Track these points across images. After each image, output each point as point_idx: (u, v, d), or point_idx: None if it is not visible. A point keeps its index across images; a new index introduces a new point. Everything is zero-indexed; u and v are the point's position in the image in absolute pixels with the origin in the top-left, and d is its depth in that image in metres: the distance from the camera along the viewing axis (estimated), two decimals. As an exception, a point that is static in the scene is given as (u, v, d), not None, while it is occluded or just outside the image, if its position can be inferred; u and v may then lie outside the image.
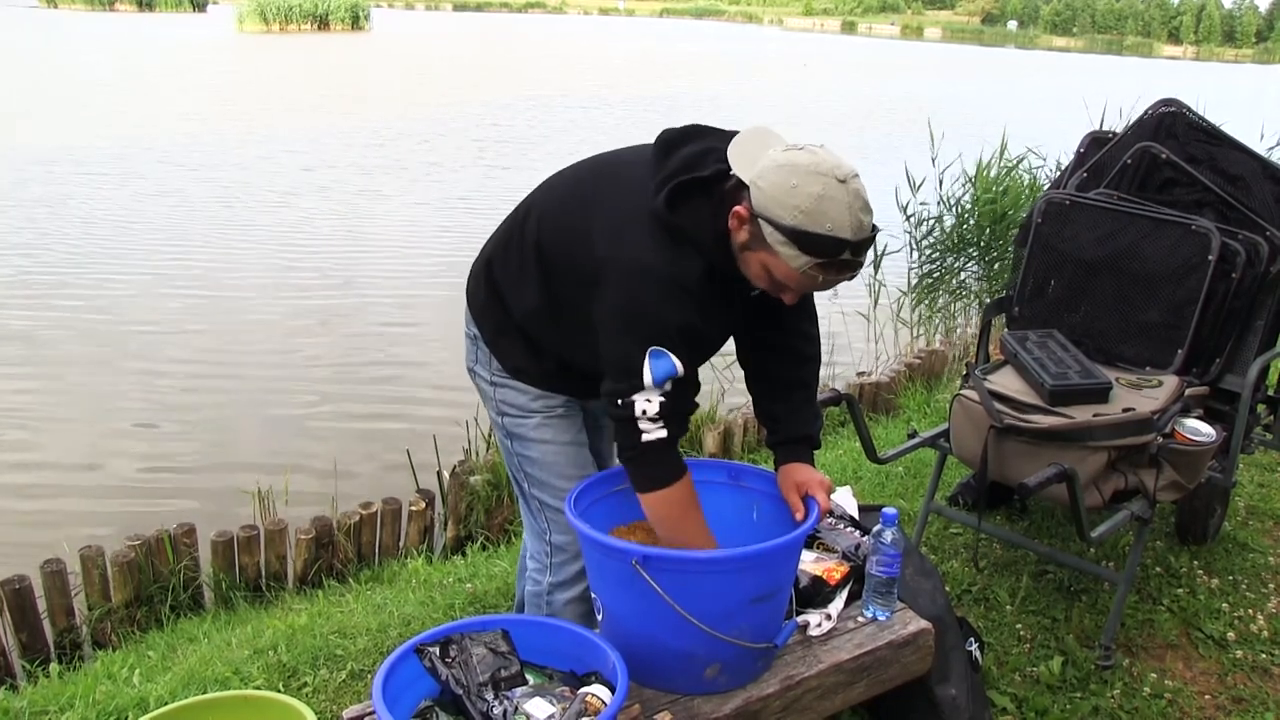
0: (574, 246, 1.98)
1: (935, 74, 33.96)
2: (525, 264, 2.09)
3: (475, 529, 4.47)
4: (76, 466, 5.27)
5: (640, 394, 1.89)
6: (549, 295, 2.07)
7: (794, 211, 1.75)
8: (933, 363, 5.92)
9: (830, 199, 1.75)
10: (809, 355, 2.26)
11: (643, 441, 1.93)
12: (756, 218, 1.80)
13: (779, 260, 1.80)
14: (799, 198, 1.75)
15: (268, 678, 2.86)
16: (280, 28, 38.81)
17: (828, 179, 1.75)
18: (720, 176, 1.89)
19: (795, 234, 1.75)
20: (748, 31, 67.26)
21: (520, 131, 16.23)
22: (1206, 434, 2.81)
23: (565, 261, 2.01)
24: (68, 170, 11.86)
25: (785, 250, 1.78)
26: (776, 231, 1.77)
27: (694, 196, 1.88)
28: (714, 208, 1.88)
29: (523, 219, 2.13)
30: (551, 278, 2.05)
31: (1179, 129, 3.27)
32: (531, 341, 2.16)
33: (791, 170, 1.77)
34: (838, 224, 1.75)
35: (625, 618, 1.98)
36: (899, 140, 15.30)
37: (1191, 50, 77.26)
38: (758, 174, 1.81)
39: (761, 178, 1.80)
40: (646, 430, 1.92)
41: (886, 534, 2.16)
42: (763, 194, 1.78)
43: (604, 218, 1.95)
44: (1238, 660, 2.97)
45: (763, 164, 1.81)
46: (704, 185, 1.89)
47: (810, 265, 1.78)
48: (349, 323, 7.54)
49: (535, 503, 2.31)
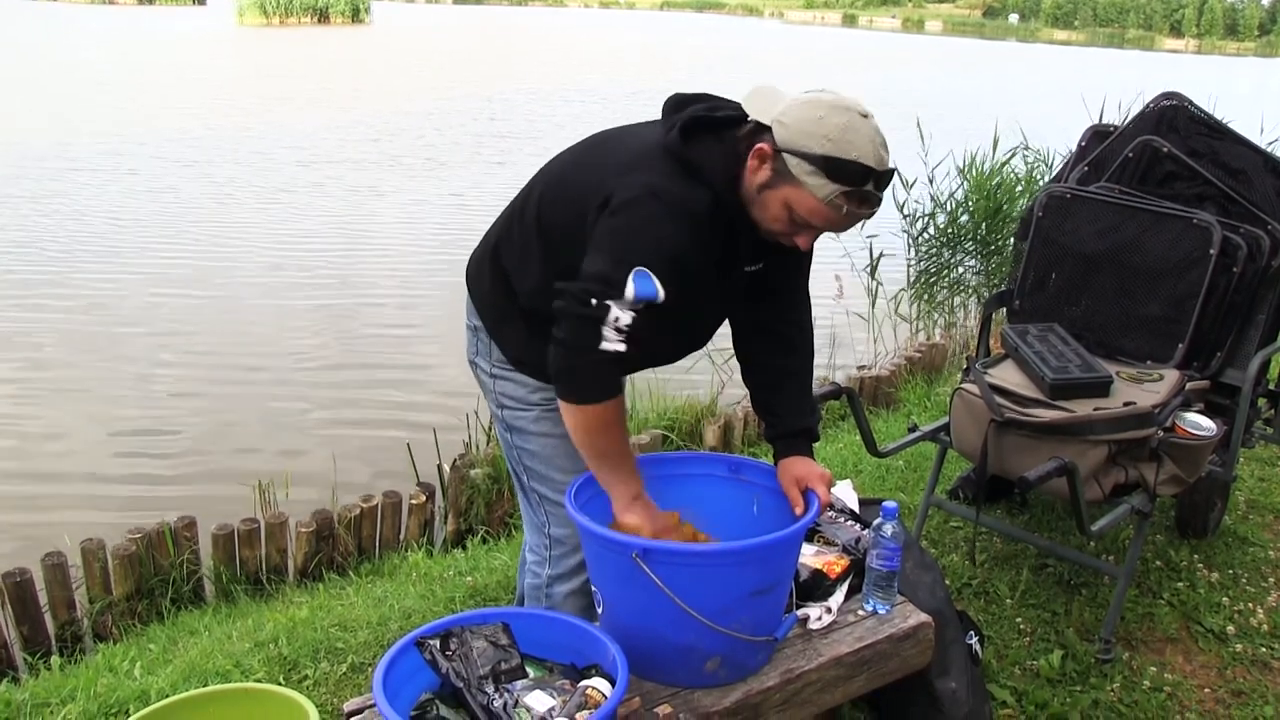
0: (576, 210, 1.96)
1: (935, 68, 33.91)
2: (528, 242, 2.09)
3: (475, 522, 4.47)
4: (77, 459, 5.27)
5: (617, 302, 1.83)
6: (551, 268, 2.03)
7: (822, 140, 1.80)
8: (933, 356, 5.92)
9: (855, 129, 1.81)
10: (798, 343, 2.26)
11: (600, 349, 1.84)
12: (780, 153, 1.83)
13: (804, 193, 1.83)
14: (826, 127, 1.80)
15: (268, 671, 2.87)
16: (280, 21, 38.73)
17: (851, 112, 1.82)
18: (731, 122, 1.93)
19: (824, 161, 1.80)
20: (748, 25, 67.14)
21: (519, 126, 16.20)
22: (1207, 428, 2.81)
23: (566, 229, 1.99)
24: (61, 167, 11.79)
25: (812, 180, 1.82)
26: (804, 161, 1.81)
27: (705, 133, 1.91)
28: (725, 151, 1.90)
29: (524, 201, 2.14)
30: (554, 249, 2.04)
31: (1180, 122, 3.27)
32: (534, 326, 2.11)
33: (816, 104, 1.83)
34: (863, 152, 1.80)
35: (625, 611, 1.98)
36: (896, 136, 15.28)
37: (1193, 43, 77.12)
38: (780, 113, 1.85)
39: (785, 114, 1.84)
40: (609, 338, 1.84)
41: (887, 527, 2.16)
42: (788, 129, 1.83)
43: (610, 169, 1.95)
44: (1237, 654, 2.97)
45: (785, 104, 1.86)
46: (715, 127, 1.92)
47: (837, 194, 1.82)
48: (349, 316, 7.54)
49: (534, 496, 2.31)
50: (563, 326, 1.88)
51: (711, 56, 34.30)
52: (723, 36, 48.10)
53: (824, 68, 31.82)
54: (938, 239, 6.80)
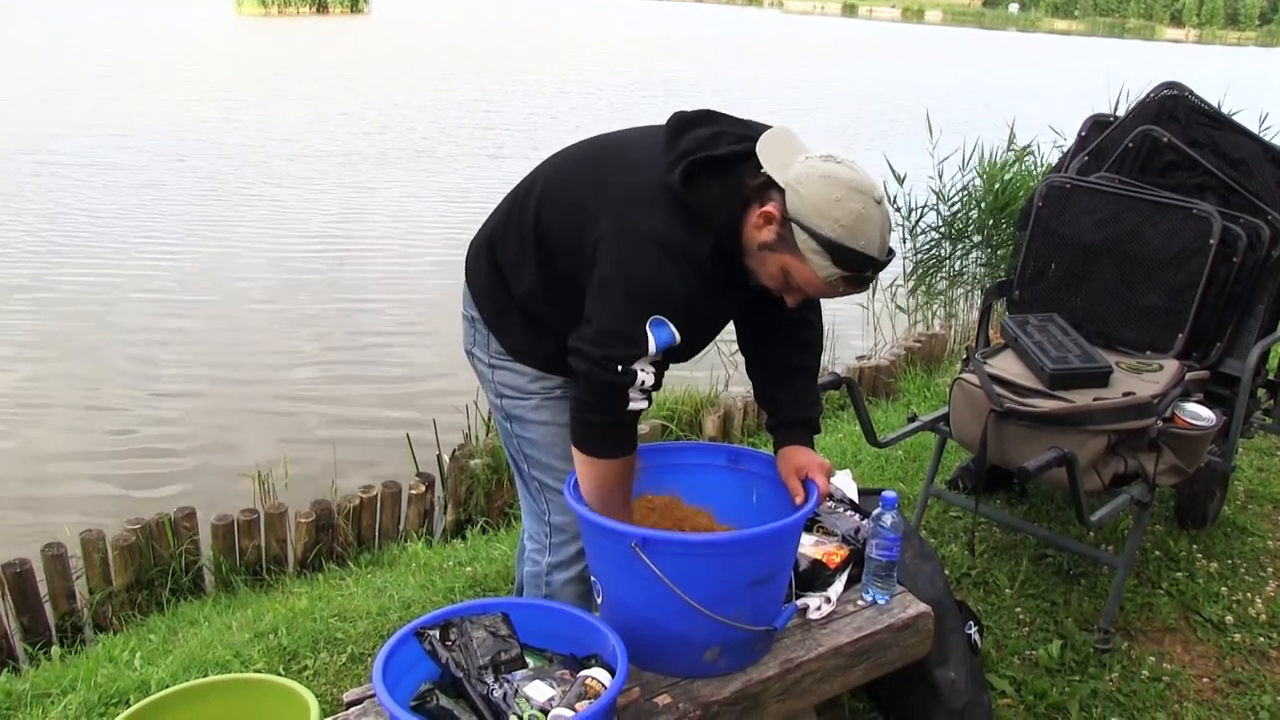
0: (575, 224, 1.96)
1: (935, 58, 33.83)
2: (525, 242, 2.08)
3: (475, 512, 4.48)
4: (77, 450, 5.27)
5: (641, 361, 1.87)
6: (547, 274, 2.05)
7: (834, 224, 1.78)
8: (933, 346, 5.92)
9: (868, 218, 1.80)
10: (810, 340, 2.26)
11: (628, 410, 1.91)
12: (789, 222, 1.81)
13: (806, 267, 1.83)
14: (840, 212, 1.78)
15: (268, 661, 2.87)
16: (279, 11, 38.58)
17: (867, 198, 1.80)
18: (735, 158, 1.90)
19: (832, 246, 1.79)
20: (747, 14, 66.99)
21: (515, 119, 16.11)
22: (1206, 418, 2.81)
23: (565, 240, 1.99)
24: (44, 160, 11.64)
25: (816, 259, 1.81)
26: (812, 240, 1.80)
27: (708, 176, 1.89)
28: (726, 190, 1.88)
29: (524, 196, 2.12)
30: (551, 256, 2.04)
31: (1181, 112, 3.26)
32: (531, 322, 2.14)
33: (836, 184, 1.80)
34: (870, 243, 1.80)
35: (625, 600, 1.99)
36: (894, 127, 15.24)
37: (1194, 33, 76.94)
38: (795, 179, 1.82)
39: (801, 184, 1.81)
40: (634, 399, 1.90)
41: (886, 517, 2.17)
42: (803, 201, 1.80)
43: (611, 196, 1.94)
44: (1236, 644, 2.98)
45: (800, 169, 1.83)
46: (718, 165, 1.90)
47: (836, 277, 1.83)
48: (346, 307, 7.52)
49: (534, 484, 2.30)
50: (587, 389, 1.92)
51: (710, 47, 34.21)
52: (721, 26, 47.99)
53: (823, 58, 31.74)
54: (939, 230, 6.77)
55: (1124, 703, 2.73)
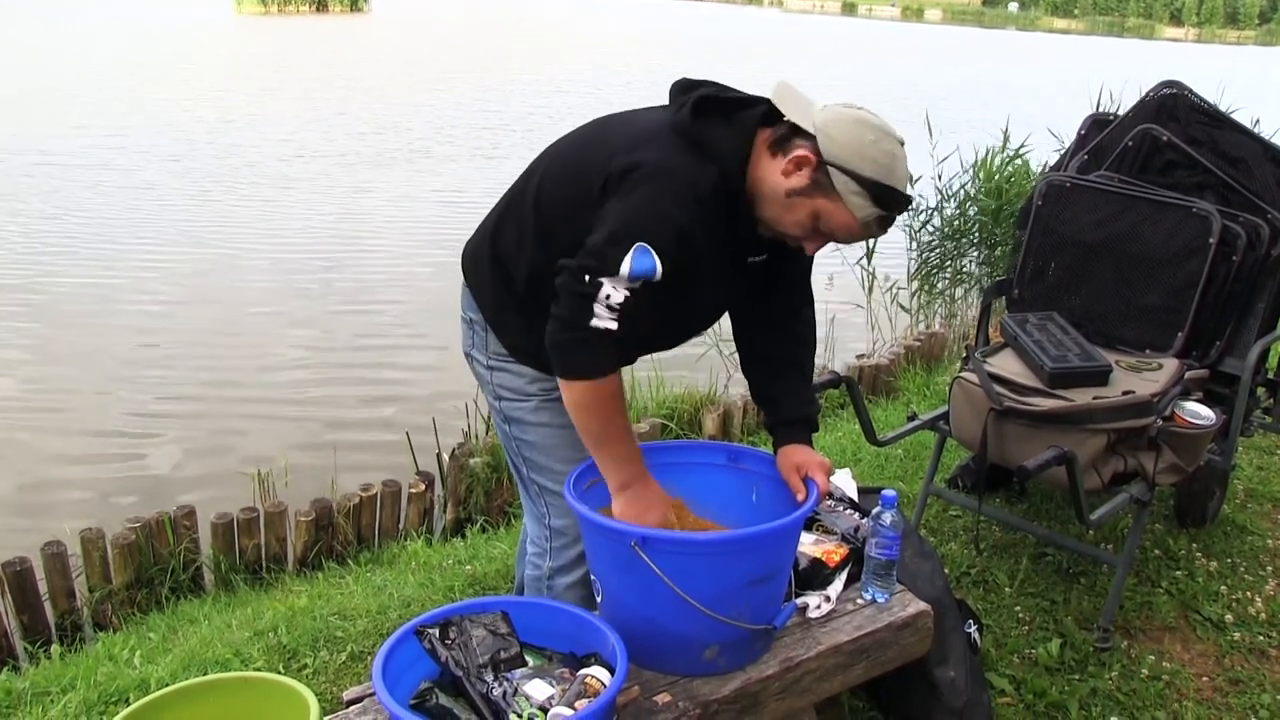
0: (578, 185, 1.95)
1: (935, 57, 33.83)
2: (524, 227, 2.07)
3: (475, 511, 4.48)
4: (76, 448, 5.27)
5: (611, 279, 1.83)
6: (548, 253, 2.00)
7: (872, 163, 1.84)
8: (932, 345, 5.92)
9: (898, 159, 1.88)
10: (804, 337, 2.26)
11: (590, 325, 1.84)
12: (825, 165, 1.85)
13: (842, 209, 1.87)
14: (877, 152, 1.85)
15: (268, 659, 2.87)
16: (279, 9, 38.59)
17: (894, 140, 1.88)
18: (740, 104, 1.95)
19: (874, 185, 1.85)
20: (746, 13, 66.96)
21: (514, 119, 16.07)
22: (1206, 417, 2.81)
23: (567, 205, 1.98)
24: (50, 161, 11.57)
25: (855, 199, 1.86)
26: (853, 181, 1.84)
27: (714, 115, 1.92)
28: (733, 131, 1.92)
29: (523, 186, 2.12)
30: (551, 232, 2.02)
31: (1180, 111, 3.26)
32: (531, 315, 2.09)
33: (868, 126, 1.86)
34: (901, 181, 1.88)
35: (624, 599, 1.99)
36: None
37: (1194, 32, 76.90)
38: (825, 124, 1.86)
39: (833, 128, 1.86)
40: (600, 315, 1.84)
41: (886, 516, 2.16)
42: (836, 144, 1.84)
43: (621, 144, 1.94)
44: (1235, 642, 2.98)
45: (826, 115, 1.88)
46: (725, 106, 1.94)
47: (874, 216, 1.89)
48: (346, 306, 7.52)
49: (534, 487, 2.29)
50: (559, 302, 1.88)
51: (710, 46, 34.20)
52: (721, 25, 47.98)
53: (823, 57, 31.73)
54: (943, 230, 6.76)
55: (1124, 701, 2.73)
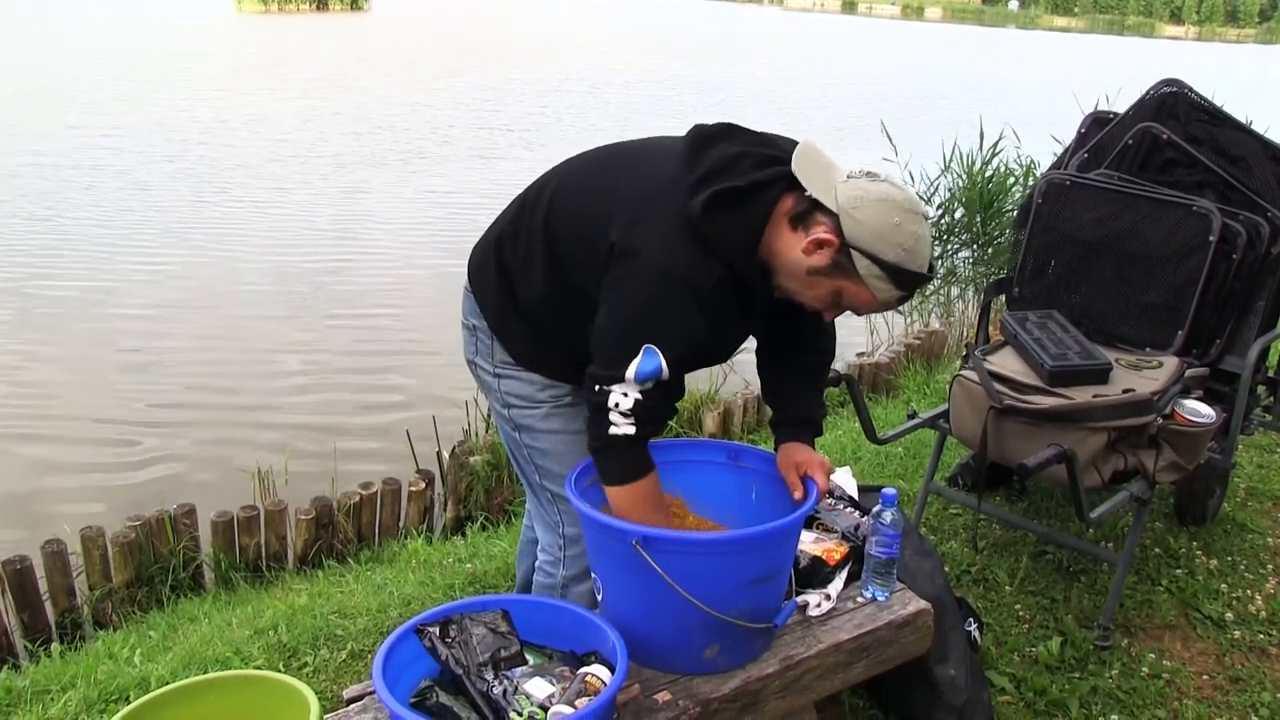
0: (588, 231, 1.92)
1: (935, 55, 33.81)
2: (533, 248, 2.03)
3: (475, 509, 4.48)
4: (77, 447, 5.27)
5: (619, 385, 1.86)
6: (556, 285, 2.01)
7: (898, 249, 1.80)
8: (932, 343, 5.93)
9: (923, 240, 1.83)
10: (824, 347, 2.27)
11: (609, 434, 1.90)
12: (849, 248, 1.80)
13: (863, 290, 1.84)
14: (901, 236, 1.80)
15: (268, 658, 2.87)
16: (279, 8, 38.58)
17: (919, 218, 1.83)
18: (755, 186, 1.86)
19: (896, 271, 1.81)
20: (746, 11, 66.93)
21: (514, 120, 16.01)
22: (1206, 415, 2.81)
23: (576, 251, 1.96)
24: (41, 162, 11.48)
25: (879, 284, 1.83)
26: (875, 266, 1.80)
27: (729, 207, 1.84)
28: (745, 221, 1.85)
29: (534, 201, 2.07)
30: (561, 267, 2.00)
31: (1180, 109, 3.26)
32: (537, 330, 2.10)
33: (893, 207, 1.80)
34: (924, 263, 1.84)
35: (625, 598, 1.99)
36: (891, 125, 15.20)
37: (1194, 30, 76.87)
38: (849, 203, 1.80)
39: (857, 209, 1.80)
40: (616, 424, 1.89)
41: (886, 514, 2.16)
42: (861, 226, 1.79)
43: (626, 205, 1.90)
44: (1236, 641, 2.98)
45: (850, 193, 1.81)
46: (740, 195, 1.85)
47: (896, 297, 1.86)
48: (345, 304, 7.52)
49: (546, 495, 2.25)
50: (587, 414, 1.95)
51: (710, 45, 34.20)
52: (721, 24, 47.97)
53: (823, 56, 31.73)
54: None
55: (1124, 700, 2.73)
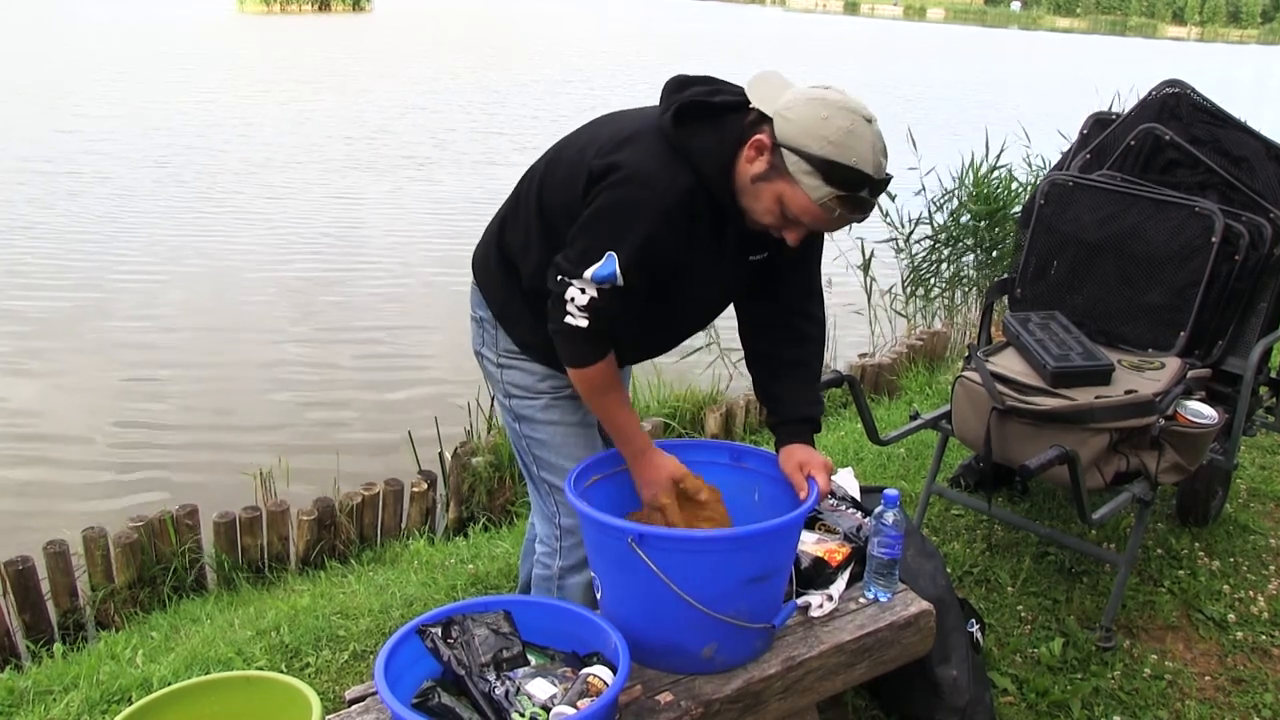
0: (572, 176, 1.99)
1: (936, 57, 33.80)
2: (530, 222, 2.10)
3: (477, 510, 4.48)
4: (79, 447, 5.27)
5: (577, 281, 1.92)
6: (551, 247, 2.04)
7: (823, 141, 1.79)
8: (934, 344, 5.92)
9: (857, 134, 1.80)
10: (811, 335, 2.25)
11: (564, 323, 1.96)
12: (780, 147, 1.82)
13: (798, 190, 1.83)
14: (829, 129, 1.79)
15: (270, 658, 2.87)
16: (281, 8, 38.61)
17: (856, 116, 1.81)
18: (729, 108, 1.92)
19: (822, 163, 1.79)
20: (748, 12, 66.94)
21: (513, 120, 16.04)
22: (1208, 416, 2.81)
23: (564, 205, 2.01)
24: (30, 168, 11.36)
25: (808, 180, 1.81)
26: (803, 160, 1.80)
27: (700, 121, 1.91)
28: (719, 135, 1.90)
29: (528, 184, 2.14)
30: (554, 228, 2.04)
31: (1183, 110, 3.26)
32: (538, 311, 2.11)
33: (822, 103, 1.81)
34: (862, 159, 1.80)
35: (623, 597, 1.99)
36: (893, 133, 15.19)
37: (1196, 31, 76.82)
38: (784, 106, 1.84)
39: (789, 109, 1.83)
40: (571, 315, 1.95)
41: (888, 515, 2.16)
42: (790, 124, 1.81)
43: (603, 140, 1.97)
44: (1238, 641, 2.98)
45: (788, 98, 1.85)
46: (712, 113, 1.91)
47: (830, 197, 1.82)
48: (347, 305, 7.52)
49: (544, 486, 2.29)
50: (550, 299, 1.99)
51: (711, 45, 34.19)
52: (723, 24, 47.98)
53: (824, 55, 31.72)
54: (935, 237, 6.69)
55: (1126, 700, 2.73)
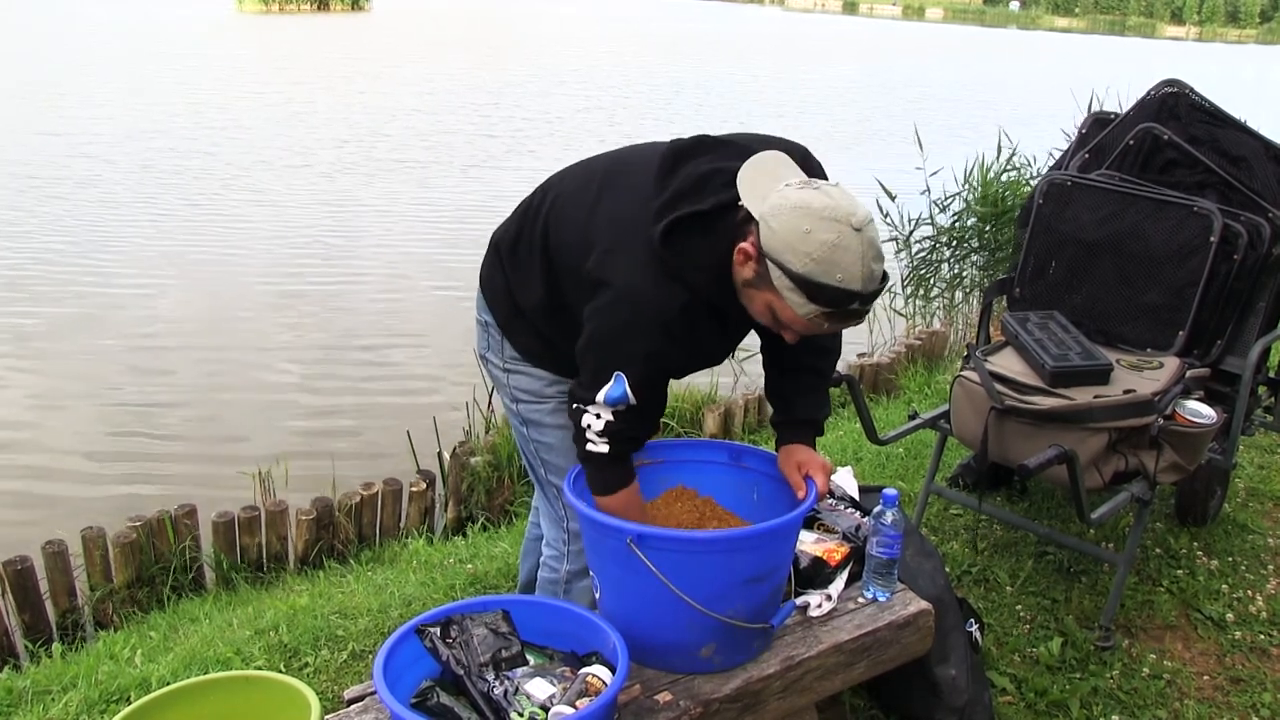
0: (575, 248, 1.96)
1: (935, 57, 33.80)
2: (533, 257, 2.07)
3: (476, 510, 4.48)
4: (77, 447, 5.27)
5: (591, 408, 1.91)
6: (552, 291, 2.05)
7: (805, 259, 1.68)
8: (933, 344, 5.92)
9: (843, 248, 1.68)
10: (828, 346, 2.24)
11: (586, 450, 1.96)
12: (765, 258, 1.73)
13: (785, 304, 1.75)
14: (811, 245, 1.67)
15: (269, 658, 2.87)
16: (279, 8, 38.58)
17: (842, 226, 1.68)
18: (722, 209, 1.82)
19: (805, 282, 1.69)
20: (747, 12, 66.93)
21: (513, 120, 16.02)
22: (1207, 416, 2.81)
23: (568, 261, 1.99)
24: (18, 172, 11.26)
25: (792, 297, 1.72)
26: (785, 277, 1.71)
27: (690, 231, 1.82)
28: (713, 242, 1.82)
29: (536, 208, 2.10)
30: (558, 278, 2.03)
31: (1182, 110, 3.26)
32: (540, 326, 2.14)
33: (806, 213, 1.69)
34: (849, 275, 1.69)
35: (621, 597, 1.99)
36: (896, 135, 15.19)
37: (1194, 30, 76.85)
38: (769, 211, 1.73)
39: (774, 217, 1.71)
40: (592, 441, 1.94)
41: (887, 515, 2.16)
42: (774, 235, 1.71)
43: (601, 233, 1.92)
44: (1236, 641, 2.98)
45: (775, 200, 1.73)
46: (703, 220, 1.83)
47: (816, 314, 1.73)
48: (346, 306, 7.52)
49: (552, 490, 2.30)
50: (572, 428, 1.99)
51: (711, 45, 34.19)
52: (722, 24, 47.97)
53: (823, 55, 31.71)
54: (937, 239, 6.69)
55: (1125, 700, 2.73)
